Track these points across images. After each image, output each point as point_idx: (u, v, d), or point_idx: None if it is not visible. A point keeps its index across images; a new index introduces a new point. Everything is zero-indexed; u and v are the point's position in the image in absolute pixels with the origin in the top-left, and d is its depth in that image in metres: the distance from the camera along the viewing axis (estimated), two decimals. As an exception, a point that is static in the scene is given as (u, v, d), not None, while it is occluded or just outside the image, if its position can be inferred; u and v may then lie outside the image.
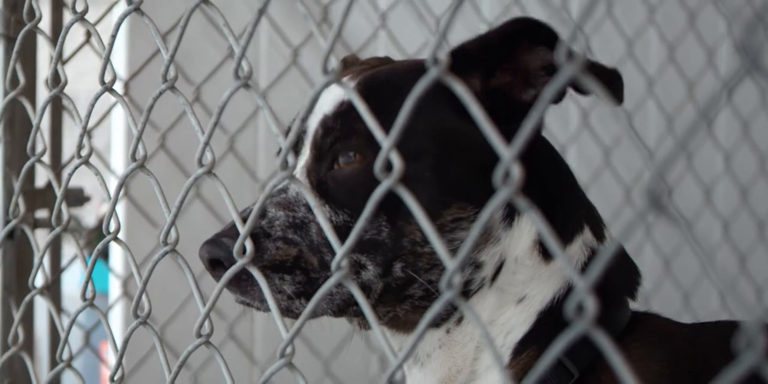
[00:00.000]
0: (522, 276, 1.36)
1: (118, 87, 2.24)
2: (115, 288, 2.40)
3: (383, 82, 1.39)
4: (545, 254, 1.38)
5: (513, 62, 1.35)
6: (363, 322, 1.41)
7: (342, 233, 1.26)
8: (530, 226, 1.37)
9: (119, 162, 2.43)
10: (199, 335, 1.23)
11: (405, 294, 1.34)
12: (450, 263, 0.91)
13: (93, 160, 1.56)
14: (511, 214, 1.35)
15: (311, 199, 1.10)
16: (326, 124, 1.35)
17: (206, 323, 1.23)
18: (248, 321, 2.44)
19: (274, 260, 1.29)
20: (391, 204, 1.02)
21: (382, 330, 1.03)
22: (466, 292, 1.34)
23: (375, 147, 1.26)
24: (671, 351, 1.34)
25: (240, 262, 1.15)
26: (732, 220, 2.92)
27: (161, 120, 2.21)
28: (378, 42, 2.54)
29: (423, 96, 0.95)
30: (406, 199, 0.96)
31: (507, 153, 0.86)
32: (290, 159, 1.09)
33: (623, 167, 2.75)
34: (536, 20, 1.32)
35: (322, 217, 1.07)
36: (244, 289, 1.30)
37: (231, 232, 1.30)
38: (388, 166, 0.96)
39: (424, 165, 1.30)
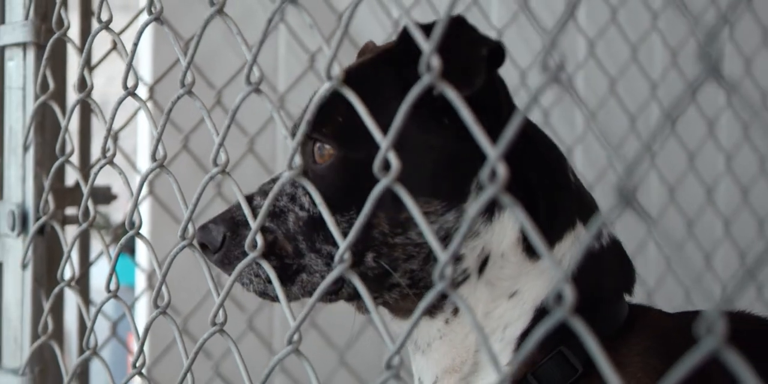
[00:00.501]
0: (509, 271, 1.36)
1: (143, 91, 2.29)
2: (140, 281, 2.44)
3: (354, 77, 1.36)
4: (530, 251, 1.36)
5: None
6: (360, 305, 1.44)
7: (319, 224, 1.32)
8: (513, 222, 1.35)
9: (145, 162, 2.47)
10: (213, 324, 1.27)
11: (390, 282, 1.35)
12: (442, 255, 0.94)
13: (120, 160, 1.59)
14: (490, 209, 1.34)
15: (317, 197, 1.12)
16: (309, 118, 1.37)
17: (221, 313, 1.27)
18: (267, 312, 2.48)
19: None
20: (361, 198, 1.04)
21: (380, 315, 1.06)
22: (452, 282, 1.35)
23: (344, 139, 1.30)
24: (666, 345, 1.35)
25: (251, 256, 1.19)
26: (733, 218, 2.94)
27: (185, 122, 2.25)
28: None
29: (390, 98, 0.98)
30: (402, 196, 0.99)
31: (492, 152, 0.88)
32: (297, 159, 1.13)
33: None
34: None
35: (325, 211, 1.10)
36: (231, 272, 1.34)
37: (218, 218, 1.38)
38: (370, 163, 1.01)
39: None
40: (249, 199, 1.38)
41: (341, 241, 1.07)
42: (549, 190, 1.38)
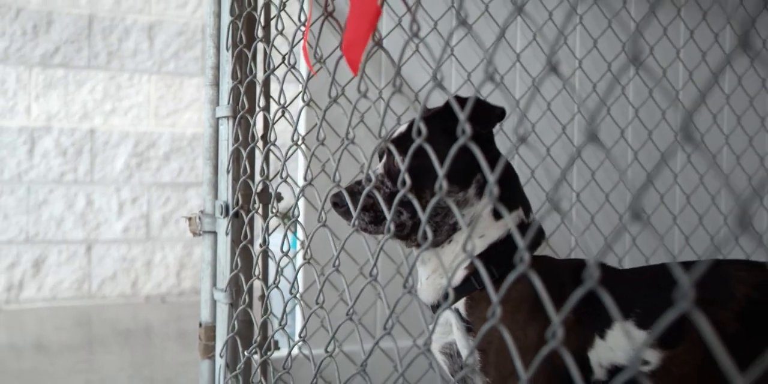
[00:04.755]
0: (484, 224, 1.63)
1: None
2: (297, 245, 2.65)
3: (432, 115, 1.63)
4: (496, 216, 1.64)
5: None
6: (408, 243, 1.67)
7: (394, 197, 1.62)
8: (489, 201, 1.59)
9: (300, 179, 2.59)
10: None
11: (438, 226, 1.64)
12: (423, 217, 1.17)
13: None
14: (480, 193, 1.63)
15: (387, 202, 1.55)
16: (396, 143, 1.65)
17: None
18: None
19: (364, 205, 1.62)
20: (416, 182, 1.32)
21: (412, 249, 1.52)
22: (455, 228, 1.64)
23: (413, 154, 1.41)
24: (544, 273, 1.41)
25: (355, 215, 1.54)
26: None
27: (323, 155, 2.46)
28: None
29: (437, 134, 1.43)
30: (418, 203, 1.30)
31: (491, 178, 0.99)
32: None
33: (603, 180, 2.95)
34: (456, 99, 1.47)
35: (393, 200, 1.41)
36: (348, 218, 1.64)
37: (345, 188, 1.63)
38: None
39: (430, 164, 1.46)
40: (359, 182, 1.65)
41: (388, 213, 1.43)
42: (512, 191, 1.69)
